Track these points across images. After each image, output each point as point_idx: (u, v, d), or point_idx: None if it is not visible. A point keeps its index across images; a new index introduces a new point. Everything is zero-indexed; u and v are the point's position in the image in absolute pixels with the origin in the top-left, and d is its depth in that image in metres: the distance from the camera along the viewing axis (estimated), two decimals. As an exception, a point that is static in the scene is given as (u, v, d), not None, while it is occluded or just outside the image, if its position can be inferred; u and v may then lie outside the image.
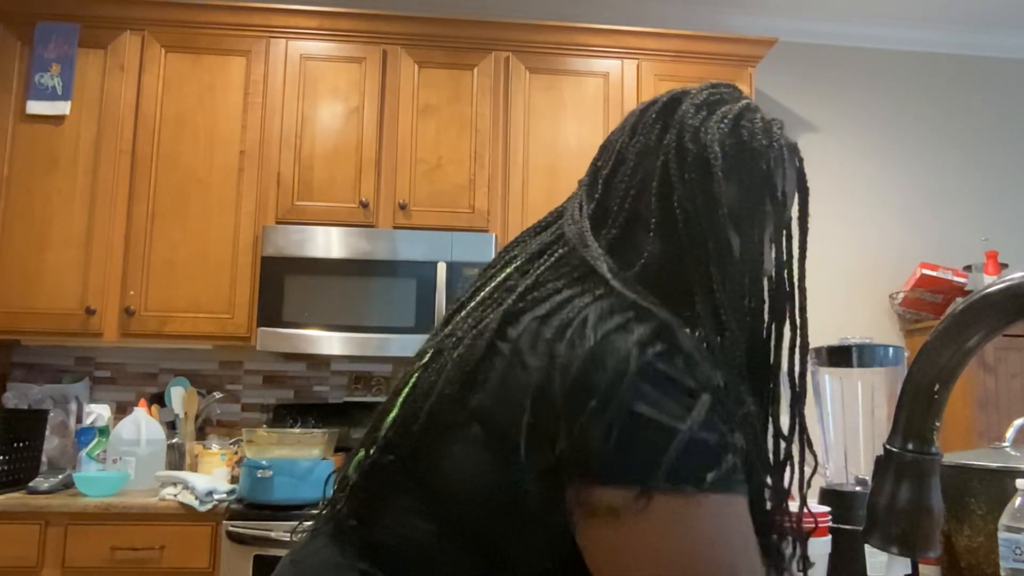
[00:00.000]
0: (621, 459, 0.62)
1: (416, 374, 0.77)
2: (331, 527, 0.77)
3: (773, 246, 0.80)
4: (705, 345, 0.73)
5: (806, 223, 0.84)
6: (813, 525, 1.01)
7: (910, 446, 0.75)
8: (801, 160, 0.84)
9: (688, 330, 0.71)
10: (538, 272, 0.76)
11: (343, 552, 0.74)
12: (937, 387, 0.73)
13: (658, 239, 0.77)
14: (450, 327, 0.78)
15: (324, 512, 0.80)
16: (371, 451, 0.76)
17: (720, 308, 0.74)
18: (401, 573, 0.70)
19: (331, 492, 0.81)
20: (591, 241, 0.76)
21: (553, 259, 0.77)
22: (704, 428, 0.63)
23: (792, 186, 0.82)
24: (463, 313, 0.78)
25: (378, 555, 0.71)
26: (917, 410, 0.74)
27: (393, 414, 0.75)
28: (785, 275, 0.81)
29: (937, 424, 0.74)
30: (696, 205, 0.76)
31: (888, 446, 0.76)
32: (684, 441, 0.62)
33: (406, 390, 0.76)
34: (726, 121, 0.79)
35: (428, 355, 0.78)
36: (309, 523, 0.82)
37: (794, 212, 0.84)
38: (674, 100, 0.82)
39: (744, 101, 0.82)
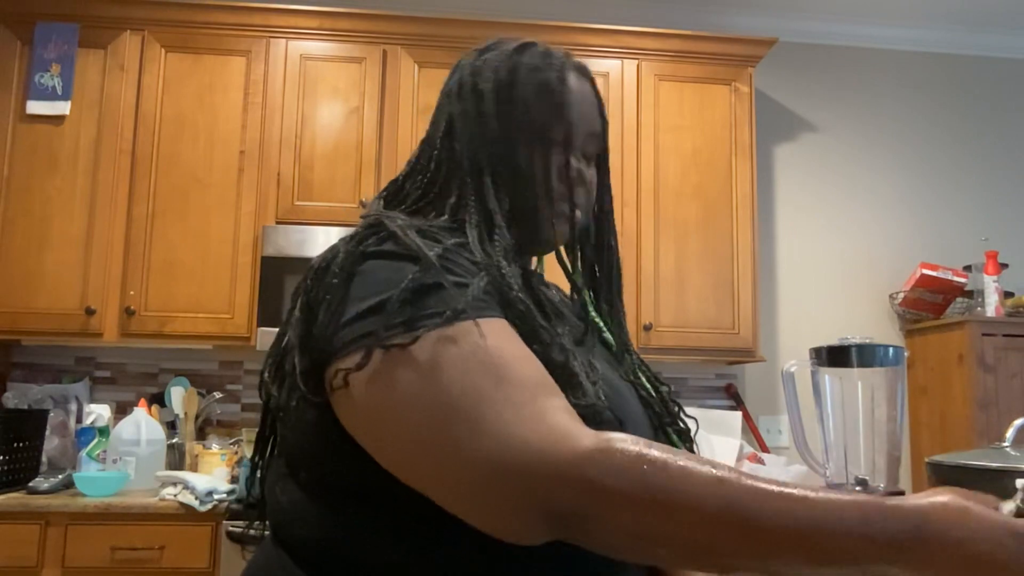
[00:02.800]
0: (335, 331, 0.68)
1: None
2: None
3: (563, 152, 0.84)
4: (478, 238, 0.77)
5: (606, 138, 0.91)
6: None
7: None
8: (582, 69, 0.88)
9: (472, 233, 0.77)
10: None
11: (269, 536, 0.79)
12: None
13: (445, 162, 0.84)
14: None
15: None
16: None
17: (490, 206, 0.80)
18: (290, 539, 0.74)
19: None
20: (376, 200, 0.87)
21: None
22: (411, 282, 0.67)
23: (574, 98, 0.86)
24: None
25: (277, 526, 0.77)
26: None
27: None
28: (567, 176, 0.84)
29: None
30: (467, 122, 0.84)
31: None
32: (384, 298, 0.66)
33: None
34: (505, 52, 0.87)
35: None
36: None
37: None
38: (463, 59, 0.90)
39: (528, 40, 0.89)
